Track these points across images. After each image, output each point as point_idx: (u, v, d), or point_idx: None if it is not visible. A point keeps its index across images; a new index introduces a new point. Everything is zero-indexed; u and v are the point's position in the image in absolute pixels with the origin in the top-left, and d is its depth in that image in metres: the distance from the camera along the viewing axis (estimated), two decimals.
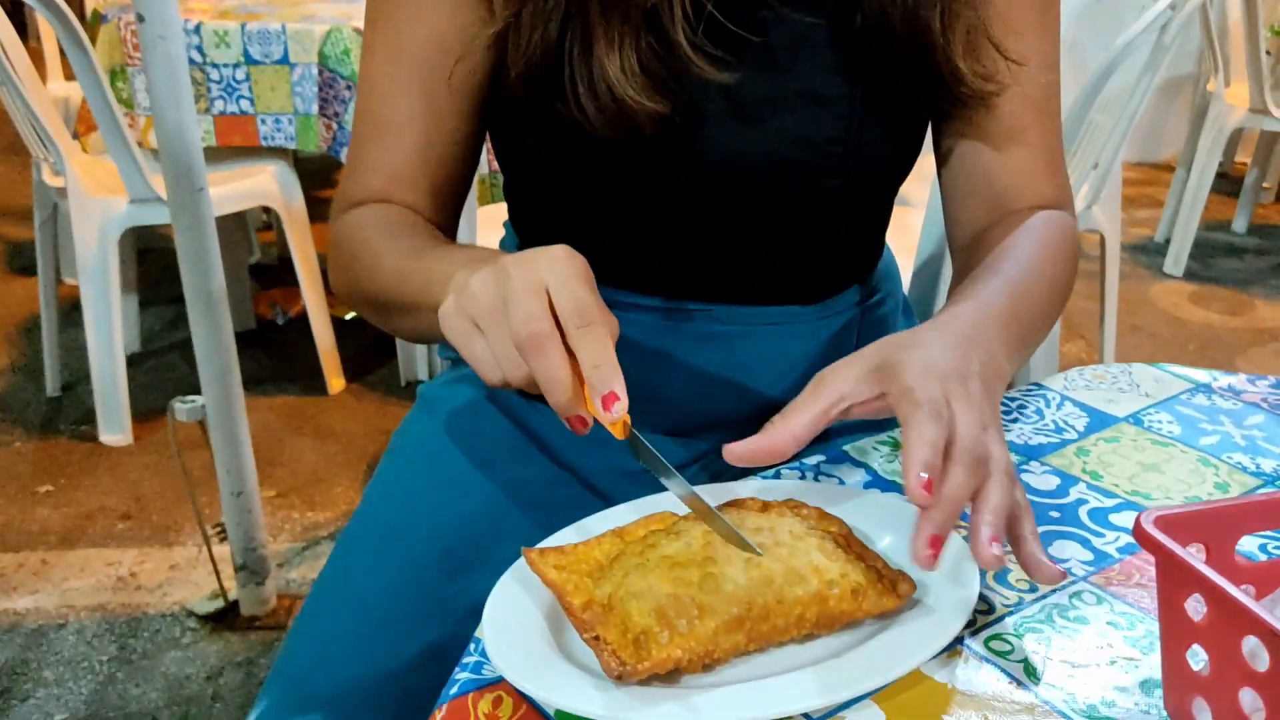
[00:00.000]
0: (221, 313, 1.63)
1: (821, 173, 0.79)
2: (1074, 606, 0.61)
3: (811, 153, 0.78)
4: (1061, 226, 0.81)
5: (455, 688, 0.55)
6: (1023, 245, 0.76)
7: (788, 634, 0.55)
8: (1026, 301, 0.71)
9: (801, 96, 0.77)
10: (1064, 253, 0.79)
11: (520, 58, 0.74)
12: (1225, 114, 3.33)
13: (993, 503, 0.56)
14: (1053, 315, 0.77)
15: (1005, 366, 0.64)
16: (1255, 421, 0.81)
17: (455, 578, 0.75)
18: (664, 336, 0.83)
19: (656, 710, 0.51)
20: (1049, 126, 0.84)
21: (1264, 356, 2.92)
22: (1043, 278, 0.75)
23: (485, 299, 0.59)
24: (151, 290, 2.97)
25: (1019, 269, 0.73)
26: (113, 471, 2.28)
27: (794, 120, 0.77)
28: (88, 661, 1.74)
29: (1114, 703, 0.54)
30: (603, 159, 0.77)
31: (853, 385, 0.61)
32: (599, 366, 0.57)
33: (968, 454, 0.56)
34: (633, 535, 0.61)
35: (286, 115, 2.35)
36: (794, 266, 0.83)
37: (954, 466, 0.56)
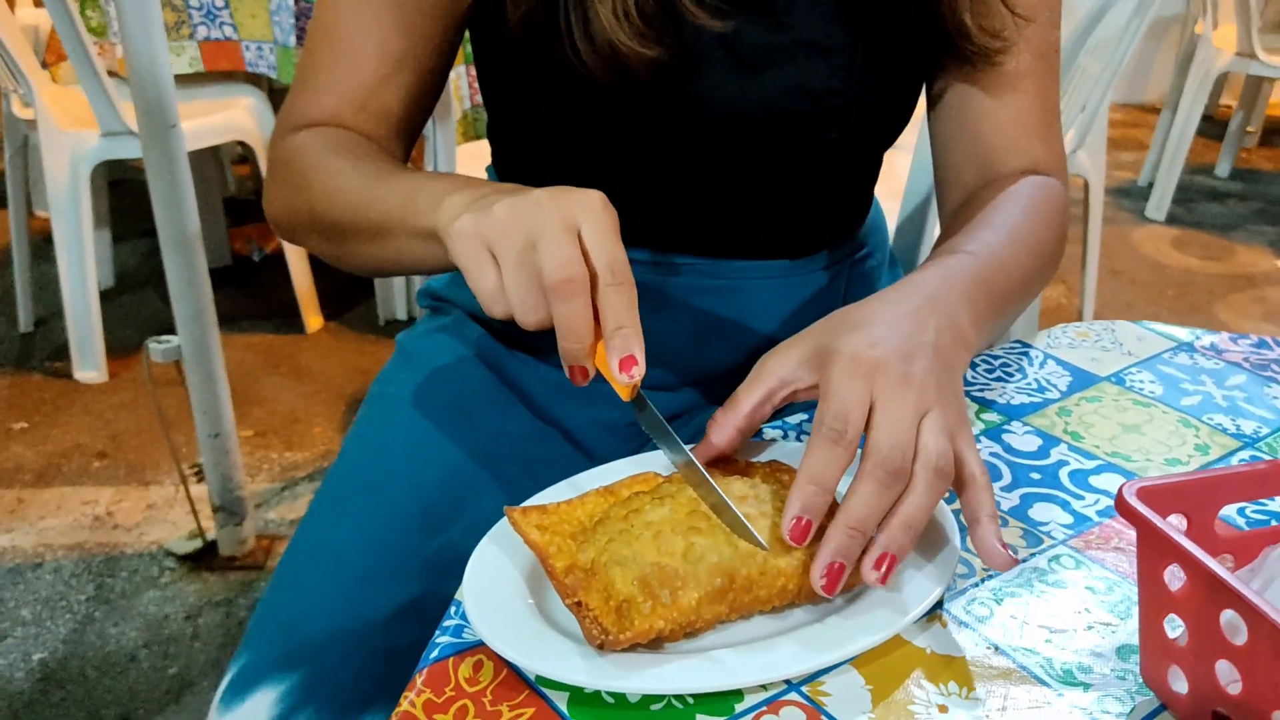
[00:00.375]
0: (196, 252, 1.61)
1: (819, 124, 0.78)
2: (1053, 570, 0.61)
3: (810, 103, 0.76)
4: (1049, 192, 0.79)
5: (435, 651, 0.54)
6: (1004, 210, 0.74)
7: (770, 604, 0.55)
8: (1001, 268, 0.69)
9: (802, 46, 0.75)
10: (1049, 219, 0.77)
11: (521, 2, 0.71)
12: (1212, 57, 3.31)
13: (902, 515, 0.54)
14: (1034, 283, 0.75)
15: (969, 333, 0.62)
16: (1237, 382, 0.81)
17: (435, 532, 0.74)
18: (652, 290, 0.83)
19: (637, 678, 0.51)
20: (1045, 86, 0.81)
21: (1243, 302, 2.94)
22: (1023, 244, 0.73)
23: (512, 231, 0.57)
24: (125, 223, 2.93)
25: (997, 235, 0.71)
26: (88, 409, 2.26)
27: (793, 70, 0.75)
28: (65, 601, 1.74)
29: (1090, 668, 0.54)
30: (599, 107, 0.75)
31: (792, 370, 0.59)
32: (623, 328, 0.56)
33: (882, 467, 0.53)
34: (617, 495, 0.60)
35: (268, 44, 2.30)
36: (785, 220, 0.82)
37: (862, 484, 0.53)
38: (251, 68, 2.30)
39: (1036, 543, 0.63)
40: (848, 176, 0.85)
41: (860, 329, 0.58)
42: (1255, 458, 0.72)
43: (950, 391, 0.58)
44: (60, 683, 1.58)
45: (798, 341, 0.60)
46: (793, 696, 0.52)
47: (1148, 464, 0.71)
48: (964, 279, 0.65)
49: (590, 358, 0.58)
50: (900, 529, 0.54)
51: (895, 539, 0.53)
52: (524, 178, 0.86)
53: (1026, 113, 0.81)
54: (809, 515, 0.53)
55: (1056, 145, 0.83)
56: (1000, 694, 0.52)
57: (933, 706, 0.51)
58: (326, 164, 0.73)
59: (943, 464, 0.55)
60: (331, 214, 0.72)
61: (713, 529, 0.55)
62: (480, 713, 0.51)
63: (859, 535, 0.53)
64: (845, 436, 0.54)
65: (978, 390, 0.78)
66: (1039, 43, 0.80)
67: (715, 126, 0.76)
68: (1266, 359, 0.84)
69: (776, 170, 0.80)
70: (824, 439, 0.54)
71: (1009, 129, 0.81)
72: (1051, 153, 0.82)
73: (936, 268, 0.66)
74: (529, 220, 0.56)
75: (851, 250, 0.89)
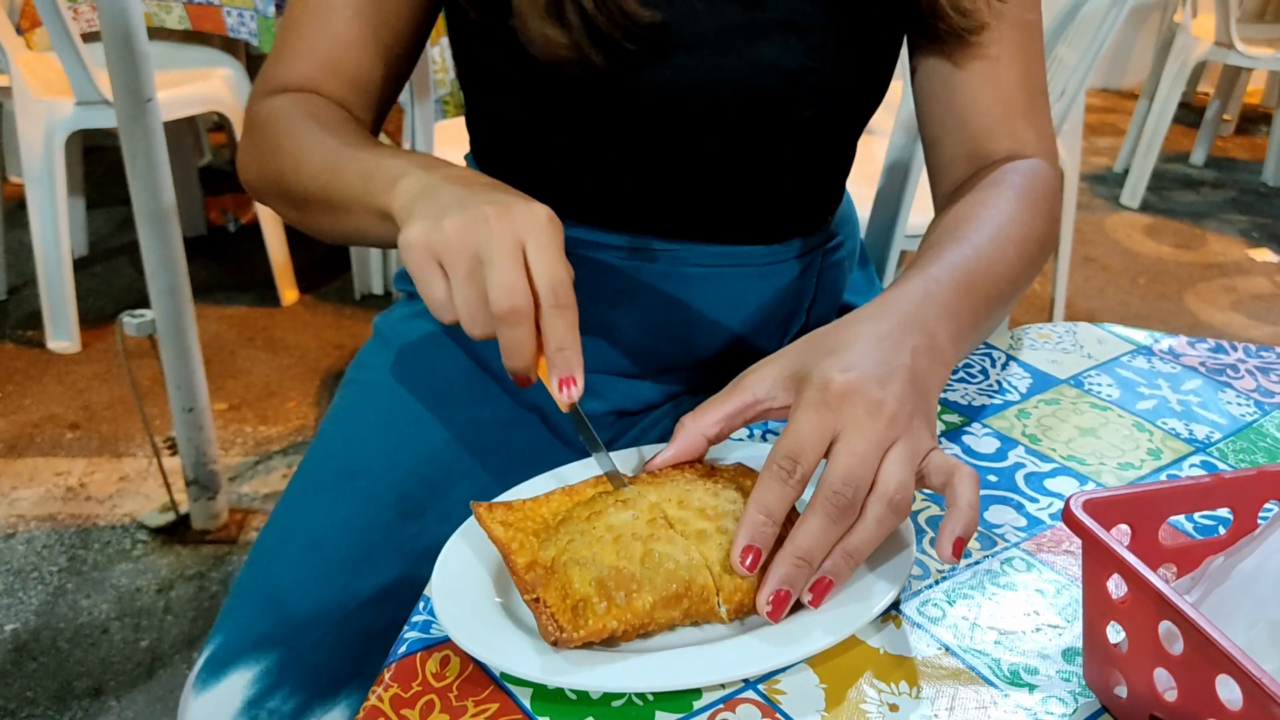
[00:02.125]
0: (171, 227, 1.61)
1: (793, 103, 0.78)
2: (1004, 573, 0.63)
3: (785, 82, 0.77)
4: (1038, 177, 0.78)
5: (404, 646, 0.56)
6: (991, 204, 0.74)
7: (730, 619, 0.57)
8: (987, 270, 0.69)
9: (778, 25, 0.75)
10: (1038, 207, 0.76)
11: None
12: (1190, 46, 3.33)
13: (846, 545, 0.55)
14: (1023, 279, 0.74)
15: (948, 350, 0.63)
16: (1192, 386, 0.83)
17: (410, 519, 0.76)
18: (628, 275, 0.83)
19: (599, 675, 0.52)
20: (1028, 67, 0.81)
21: (1213, 291, 2.97)
22: (1010, 239, 0.72)
23: (459, 247, 0.58)
24: (99, 191, 2.91)
25: (982, 233, 0.71)
26: (60, 379, 2.25)
27: (769, 49, 0.75)
28: (38, 572, 1.75)
29: (1036, 669, 0.56)
30: (571, 88, 0.75)
31: (768, 389, 0.60)
32: (563, 350, 0.58)
33: (831, 501, 0.54)
34: (581, 495, 0.62)
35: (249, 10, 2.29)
36: (761, 203, 0.83)
37: (811, 515, 0.54)
38: (233, 33, 2.29)
39: (990, 545, 0.65)
40: (822, 159, 0.86)
41: (836, 353, 0.58)
42: (1207, 463, 0.74)
43: (922, 415, 0.58)
44: (32, 654, 1.59)
45: (776, 360, 0.61)
46: (749, 695, 0.53)
47: (1101, 468, 0.73)
48: (947, 290, 0.65)
49: (533, 370, 0.60)
50: (842, 557, 0.55)
51: (836, 566, 0.55)
52: (500, 157, 0.87)
53: (1010, 94, 0.80)
54: (758, 544, 0.55)
55: (1045, 126, 0.82)
56: (949, 694, 0.54)
57: (884, 705, 0.53)
58: (296, 131, 0.73)
59: (899, 498, 0.55)
60: (298, 183, 0.73)
61: (672, 537, 0.56)
62: (446, 708, 0.52)
63: (805, 565, 0.54)
64: (793, 476, 0.55)
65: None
66: (1019, 23, 0.80)
67: (689, 105, 0.76)
68: (1223, 363, 0.86)
69: (751, 151, 0.80)
70: (774, 474, 0.55)
71: (994, 111, 0.81)
72: (1039, 134, 0.82)
73: (919, 279, 0.66)
74: (477, 239, 0.58)
75: (824, 239, 0.90)
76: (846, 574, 0.55)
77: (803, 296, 0.89)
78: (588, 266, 0.84)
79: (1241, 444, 0.76)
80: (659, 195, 0.81)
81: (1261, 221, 3.45)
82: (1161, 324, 2.75)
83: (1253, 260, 3.18)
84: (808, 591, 0.55)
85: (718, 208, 0.82)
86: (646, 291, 0.84)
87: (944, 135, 0.83)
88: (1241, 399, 0.81)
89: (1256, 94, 4.57)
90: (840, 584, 0.55)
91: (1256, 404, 0.81)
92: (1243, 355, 0.88)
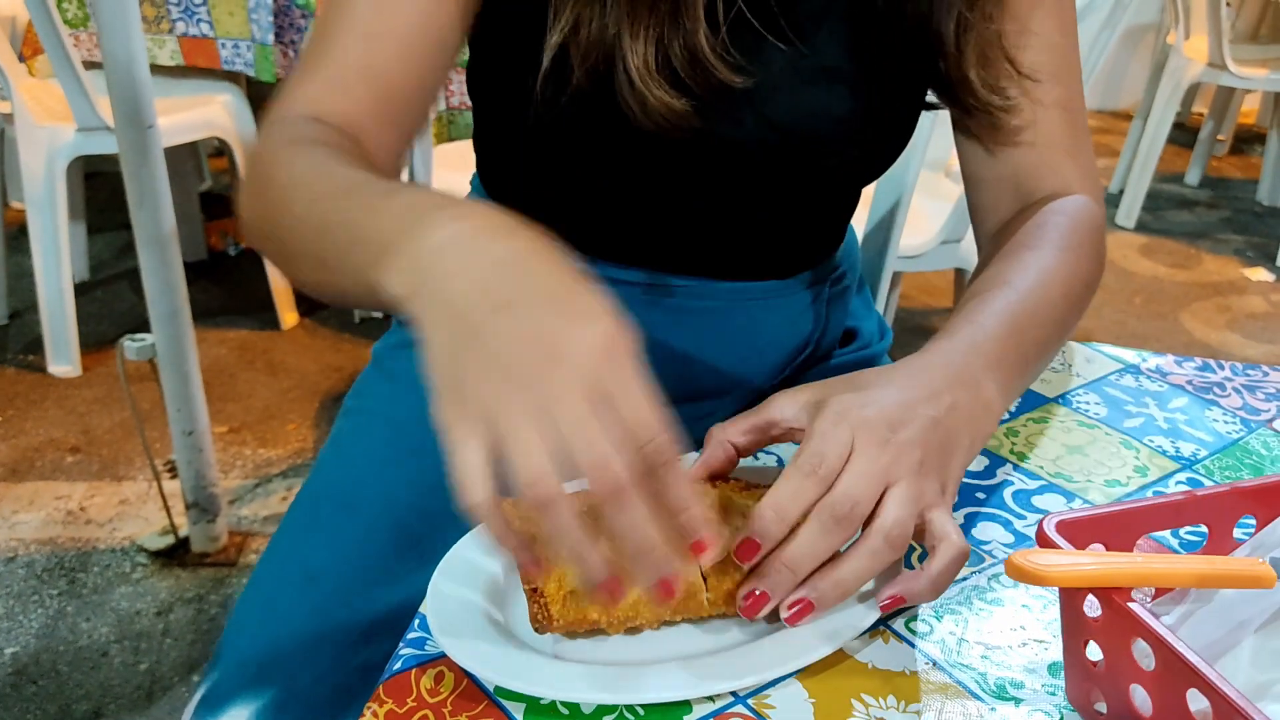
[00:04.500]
0: (172, 252, 1.62)
1: (827, 150, 0.78)
2: (991, 589, 0.64)
3: (821, 128, 0.76)
4: (1084, 215, 0.77)
5: (399, 663, 0.57)
6: (1037, 247, 0.73)
7: (711, 612, 0.57)
8: (1032, 315, 0.68)
9: (818, 72, 0.75)
10: (1084, 246, 0.75)
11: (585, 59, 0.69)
12: (1183, 67, 3.35)
13: (836, 574, 0.55)
14: (1070, 321, 0.74)
15: (996, 402, 0.63)
16: (1179, 404, 0.84)
17: (408, 552, 0.75)
18: (645, 310, 0.83)
19: (591, 689, 0.53)
20: (1071, 101, 0.81)
21: (1208, 310, 2.99)
22: (1055, 284, 0.71)
23: (509, 404, 0.46)
24: (100, 216, 2.92)
25: (1027, 279, 0.70)
26: (61, 403, 2.27)
27: (809, 96, 0.75)
28: (37, 595, 1.75)
29: (1022, 684, 0.57)
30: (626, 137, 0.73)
31: (793, 412, 0.61)
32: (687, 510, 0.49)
33: (829, 510, 0.54)
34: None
35: (245, 41, 2.31)
36: (778, 241, 0.84)
37: (808, 524, 0.55)
38: (228, 65, 2.30)
39: (978, 561, 0.66)
40: (839, 201, 0.87)
41: (861, 390, 0.59)
42: (1193, 480, 0.75)
43: (935, 465, 0.58)
44: (32, 677, 1.60)
45: (806, 389, 0.62)
46: (738, 709, 0.54)
47: (1088, 485, 0.74)
48: (994, 339, 0.65)
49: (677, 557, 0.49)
50: (830, 585, 0.55)
51: (821, 591, 0.55)
52: (512, 188, 0.85)
53: (1053, 131, 0.80)
54: (759, 538, 0.55)
55: (1088, 162, 0.82)
56: (936, 708, 0.55)
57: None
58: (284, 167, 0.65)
59: (895, 534, 0.55)
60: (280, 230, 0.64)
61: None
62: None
63: (789, 573, 0.55)
64: (818, 472, 0.55)
65: None
66: (1062, 58, 0.79)
67: (726, 156, 0.76)
68: (1209, 381, 0.87)
69: (775, 194, 0.80)
70: (798, 470, 0.55)
71: (1038, 148, 0.80)
72: (1083, 170, 0.81)
73: (966, 329, 0.65)
74: (534, 388, 0.46)
75: (830, 270, 0.91)
76: (830, 602, 0.56)
77: (812, 326, 0.90)
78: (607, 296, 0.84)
79: (1228, 461, 0.77)
80: (679, 234, 0.82)
81: (1257, 241, 3.47)
82: (1157, 343, 2.77)
83: (1248, 279, 3.20)
84: (786, 608, 0.56)
85: (735, 246, 0.83)
86: (661, 325, 0.83)
87: (986, 174, 0.82)
88: (1228, 416, 0.82)
89: (1251, 114, 4.59)
90: (821, 610, 0.56)
91: (1243, 421, 0.82)
92: (1229, 373, 0.89)
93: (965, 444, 0.61)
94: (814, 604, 0.55)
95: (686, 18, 0.68)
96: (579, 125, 0.74)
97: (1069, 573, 0.48)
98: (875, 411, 0.57)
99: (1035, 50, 0.78)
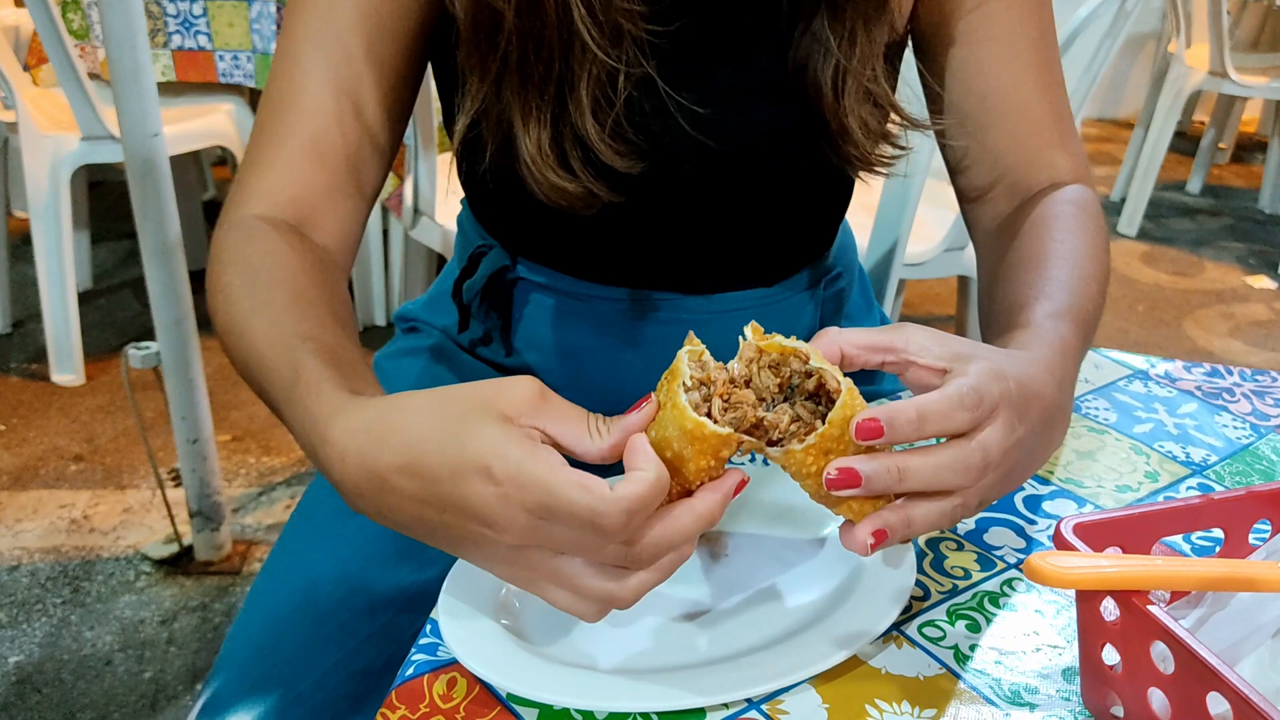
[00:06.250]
0: (177, 259, 1.62)
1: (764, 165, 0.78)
2: (1005, 594, 0.63)
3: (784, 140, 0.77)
4: (1088, 205, 0.76)
5: (411, 669, 0.57)
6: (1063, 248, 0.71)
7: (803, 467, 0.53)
8: (1086, 316, 0.67)
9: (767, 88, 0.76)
10: (1098, 237, 0.74)
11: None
12: (1185, 76, 3.36)
13: (912, 512, 0.53)
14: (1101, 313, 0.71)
15: (1069, 409, 0.62)
16: (1188, 410, 0.84)
17: (408, 557, 0.75)
18: (630, 324, 0.84)
19: (605, 696, 0.53)
20: (1052, 91, 0.80)
21: (1211, 318, 2.99)
22: (1093, 277, 0.70)
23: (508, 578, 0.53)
24: (104, 225, 2.93)
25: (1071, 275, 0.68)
26: (65, 412, 2.26)
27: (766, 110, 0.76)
28: (41, 604, 1.75)
29: (1036, 689, 0.57)
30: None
31: (922, 343, 0.56)
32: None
33: (963, 453, 0.52)
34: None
35: (245, 52, 2.31)
36: (758, 248, 0.84)
37: (942, 448, 0.52)
38: (225, 78, 2.29)
39: (990, 566, 0.66)
40: (818, 199, 0.86)
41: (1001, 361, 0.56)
42: (1204, 485, 0.75)
43: (1019, 476, 0.57)
44: (36, 686, 1.59)
45: (938, 332, 0.58)
46: (752, 715, 0.54)
47: (1099, 490, 0.73)
48: (1074, 349, 0.63)
49: None
50: (900, 520, 0.53)
51: (890, 524, 0.53)
52: (498, 214, 0.86)
53: (1041, 122, 0.79)
54: (888, 430, 0.51)
55: (1077, 150, 0.81)
56: (951, 713, 0.55)
57: None
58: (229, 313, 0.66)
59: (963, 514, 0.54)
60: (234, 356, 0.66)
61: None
62: None
63: (895, 477, 0.51)
64: (971, 412, 0.52)
65: None
66: (1036, 49, 0.79)
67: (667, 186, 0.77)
68: (1218, 387, 0.87)
69: (747, 201, 0.81)
70: (956, 397, 0.52)
71: (1028, 142, 0.79)
72: (1074, 159, 0.80)
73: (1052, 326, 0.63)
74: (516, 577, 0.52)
75: (823, 272, 0.91)
76: (899, 538, 0.53)
77: (807, 329, 0.89)
78: (589, 316, 0.85)
79: (1238, 466, 0.77)
80: (650, 253, 0.82)
81: (1259, 249, 3.47)
82: (1160, 350, 2.76)
83: (1250, 287, 3.20)
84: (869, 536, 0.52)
85: (710, 259, 0.83)
86: (649, 339, 0.84)
87: (978, 175, 0.81)
88: (1238, 422, 0.82)
89: (1252, 122, 4.60)
90: (891, 541, 0.53)
91: (1252, 427, 0.82)
92: (1238, 379, 0.89)
93: (1042, 460, 0.59)
94: (888, 534, 0.53)
95: (572, 105, 0.70)
96: (505, 192, 0.77)
97: (1089, 575, 0.48)
98: (1018, 391, 0.54)
99: (1003, 50, 0.77)
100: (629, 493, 0.48)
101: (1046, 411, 0.57)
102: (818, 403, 0.54)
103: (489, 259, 0.87)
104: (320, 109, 0.72)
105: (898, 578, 0.61)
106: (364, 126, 0.74)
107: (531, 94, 0.70)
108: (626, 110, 0.72)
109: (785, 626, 0.59)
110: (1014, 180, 0.80)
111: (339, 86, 0.72)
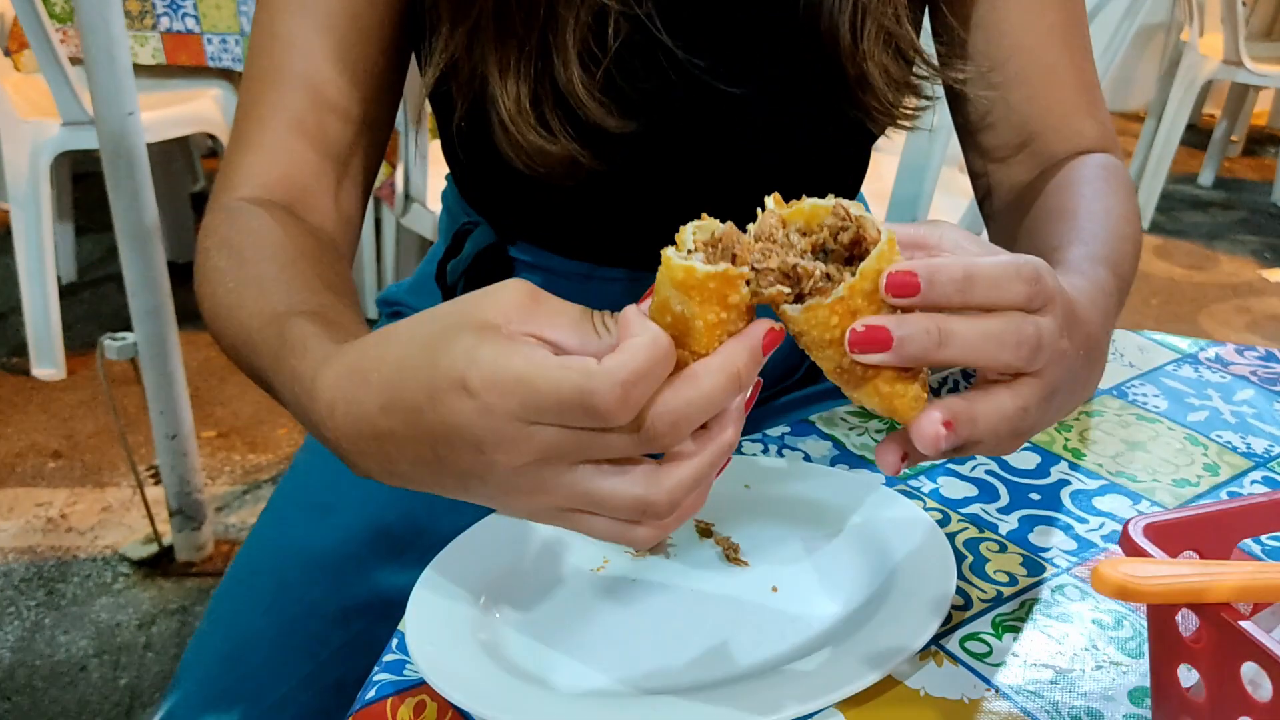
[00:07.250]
0: (154, 246, 1.54)
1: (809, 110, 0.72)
2: (1056, 602, 0.56)
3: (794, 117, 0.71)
4: (1118, 173, 0.70)
5: (372, 691, 0.49)
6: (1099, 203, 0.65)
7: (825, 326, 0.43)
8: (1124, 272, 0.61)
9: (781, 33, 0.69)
10: (1130, 204, 0.68)
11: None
12: (1197, 65, 3.28)
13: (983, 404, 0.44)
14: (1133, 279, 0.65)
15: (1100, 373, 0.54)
16: (1245, 396, 0.76)
17: (389, 558, 0.69)
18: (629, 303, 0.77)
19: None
20: (1079, 59, 0.74)
21: (1226, 312, 2.91)
22: (1126, 239, 0.63)
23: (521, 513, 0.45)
24: (89, 217, 2.85)
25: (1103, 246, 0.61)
26: (44, 407, 2.19)
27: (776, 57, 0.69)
28: (14, 607, 1.67)
29: (1101, 713, 0.49)
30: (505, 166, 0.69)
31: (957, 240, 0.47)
32: None
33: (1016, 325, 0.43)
34: None
35: (233, 35, 2.24)
36: None
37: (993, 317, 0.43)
38: (214, 62, 2.23)
39: (1038, 570, 0.58)
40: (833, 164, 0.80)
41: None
42: (1269, 479, 0.67)
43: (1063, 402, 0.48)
44: (6, 693, 1.52)
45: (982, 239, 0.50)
46: None
47: (1154, 485, 0.66)
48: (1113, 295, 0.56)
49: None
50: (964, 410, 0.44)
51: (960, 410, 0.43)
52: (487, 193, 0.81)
53: (1066, 98, 0.73)
54: (926, 287, 0.42)
55: (1104, 118, 0.75)
56: None
57: None
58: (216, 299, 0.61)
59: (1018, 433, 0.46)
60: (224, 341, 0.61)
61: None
62: None
63: (933, 338, 0.42)
64: (1030, 285, 0.43)
65: None
66: (1064, 16, 0.73)
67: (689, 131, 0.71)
68: (1275, 372, 0.79)
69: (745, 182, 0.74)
70: (1015, 268, 0.43)
71: (1054, 117, 0.73)
72: (1101, 127, 0.74)
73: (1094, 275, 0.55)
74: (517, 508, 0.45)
75: None
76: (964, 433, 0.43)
77: None
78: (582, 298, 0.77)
79: None
80: (658, 230, 0.75)
81: (1273, 242, 3.40)
82: None
83: (1266, 280, 3.12)
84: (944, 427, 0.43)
85: None
86: None
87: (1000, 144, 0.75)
88: None
89: (1263, 115, 4.53)
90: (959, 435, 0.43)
91: None
92: None
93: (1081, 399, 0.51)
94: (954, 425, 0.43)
95: (557, 53, 0.63)
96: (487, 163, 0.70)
97: (1172, 585, 0.40)
98: (1065, 305, 0.46)
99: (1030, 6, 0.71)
100: (620, 360, 0.39)
101: (1090, 339, 0.49)
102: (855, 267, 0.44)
103: (474, 237, 0.80)
104: (304, 83, 0.66)
105: (936, 583, 0.53)
106: (353, 98, 0.68)
107: (510, 41, 0.62)
108: (617, 62, 0.64)
109: (807, 641, 0.51)
110: (1039, 147, 0.73)
111: (322, 56, 0.66)
